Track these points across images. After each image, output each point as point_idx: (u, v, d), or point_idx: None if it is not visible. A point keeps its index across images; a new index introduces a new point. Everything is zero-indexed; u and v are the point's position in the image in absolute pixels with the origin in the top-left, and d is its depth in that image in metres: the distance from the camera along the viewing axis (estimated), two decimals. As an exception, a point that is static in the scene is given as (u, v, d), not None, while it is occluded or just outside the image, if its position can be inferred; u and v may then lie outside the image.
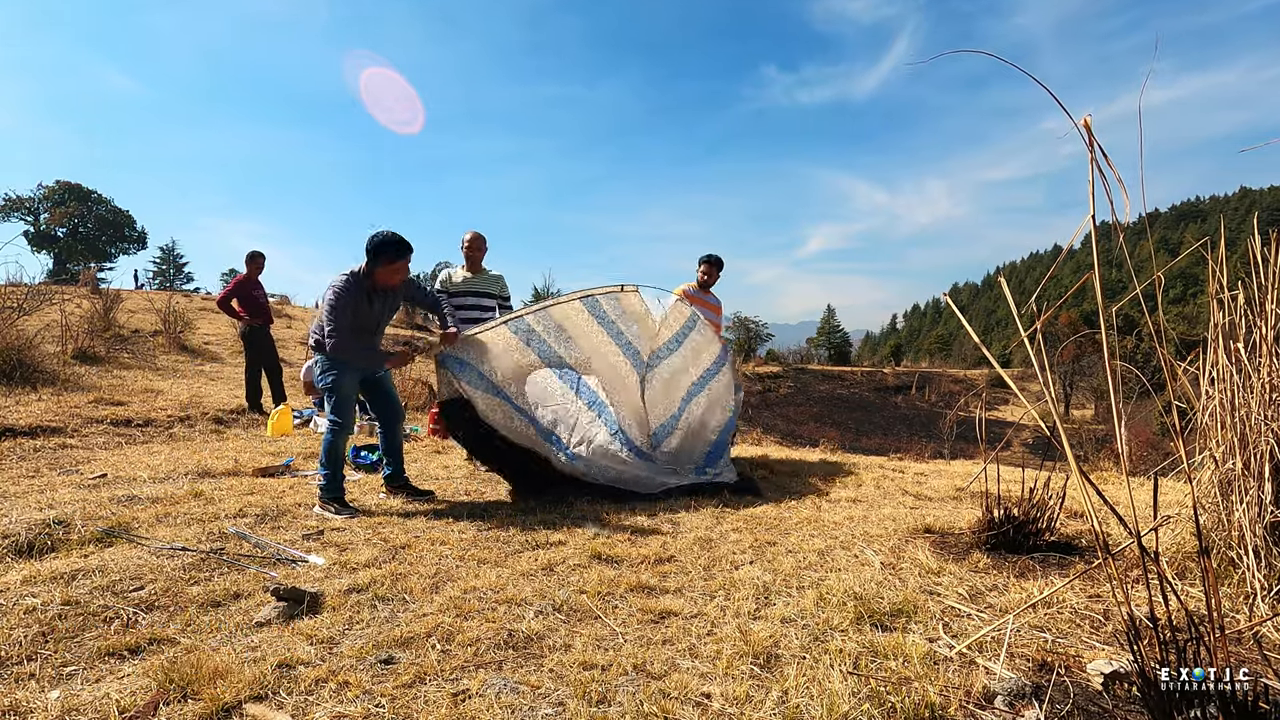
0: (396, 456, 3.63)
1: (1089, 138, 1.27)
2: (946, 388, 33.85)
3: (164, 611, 1.98)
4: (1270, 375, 1.90)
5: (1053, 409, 1.42)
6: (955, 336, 63.25)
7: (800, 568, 2.41)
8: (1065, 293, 1.64)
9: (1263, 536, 1.88)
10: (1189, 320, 15.30)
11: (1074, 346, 31.00)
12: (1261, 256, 1.99)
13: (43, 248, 38.00)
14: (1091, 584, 2.15)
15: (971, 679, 1.52)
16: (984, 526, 2.57)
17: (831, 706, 1.40)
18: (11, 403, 5.63)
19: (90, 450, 4.77)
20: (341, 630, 1.86)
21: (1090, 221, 1.33)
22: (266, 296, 7.41)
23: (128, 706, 1.44)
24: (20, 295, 7.82)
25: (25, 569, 2.22)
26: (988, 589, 2.13)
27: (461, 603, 2.05)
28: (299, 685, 1.54)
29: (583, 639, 1.81)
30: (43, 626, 1.82)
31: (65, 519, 2.70)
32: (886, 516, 3.20)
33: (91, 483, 3.60)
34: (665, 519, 3.19)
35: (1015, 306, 1.40)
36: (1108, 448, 9.39)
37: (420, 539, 2.75)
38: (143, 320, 12.05)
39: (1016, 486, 2.69)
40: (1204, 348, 2.10)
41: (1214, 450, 2.07)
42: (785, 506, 3.54)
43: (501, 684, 1.55)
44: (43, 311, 8.53)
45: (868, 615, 1.89)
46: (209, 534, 2.69)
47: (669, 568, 2.45)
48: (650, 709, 1.44)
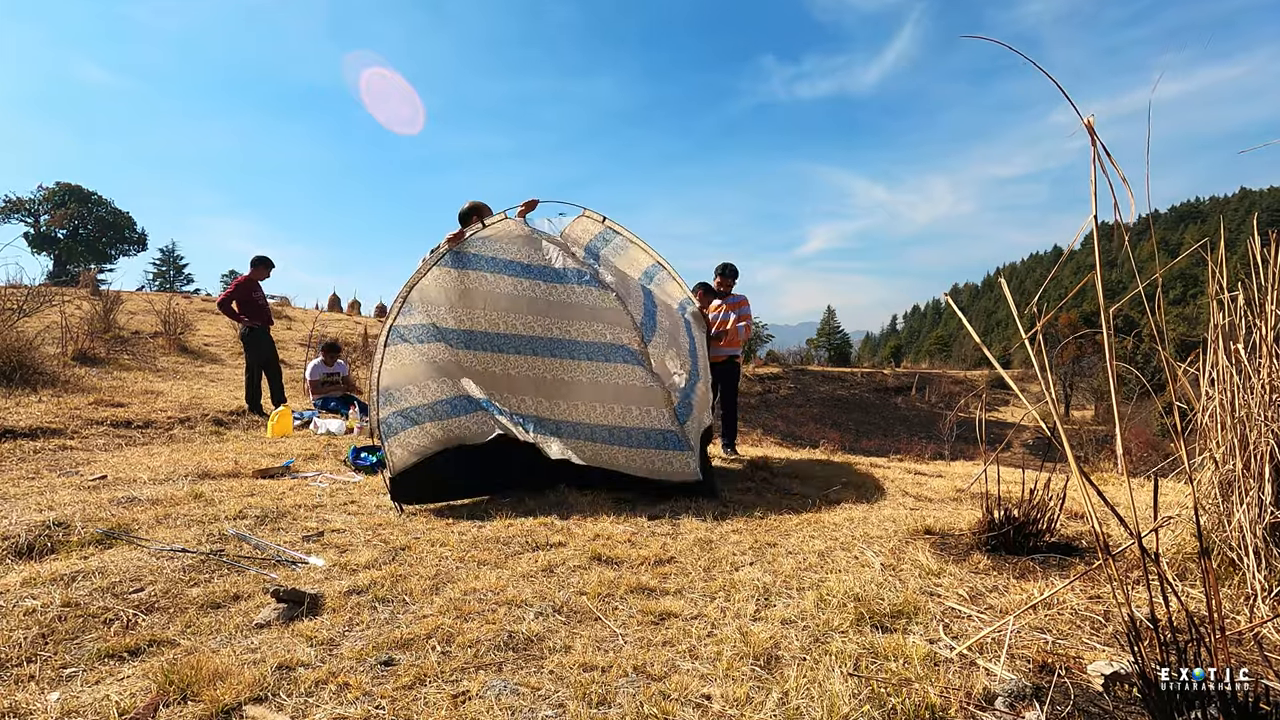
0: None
1: (1092, 137, 1.27)
2: (946, 389, 33.83)
3: (164, 613, 1.98)
4: (1270, 376, 1.90)
5: (1053, 410, 1.42)
6: (955, 337, 63.27)
7: (800, 569, 2.40)
8: (1065, 294, 1.64)
9: (1263, 537, 1.88)
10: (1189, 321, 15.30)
11: (1074, 347, 31.01)
12: (1261, 257, 1.99)
13: (43, 249, 38.01)
14: (1092, 585, 2.15)
15: (972, 680, 1.51)
16: (984, 527, 2.57)
17: (832, 708, 1.40)
18: (11, 404, 5.63)
19: (90, 452, 4.77)
20: (341, 632, 1.86)
21: (1092, 222, 1.33)
22: (266, 299, 7.42)
23: (127, 708, 1.44)
24: (20, 297, 7.83)
25: (25, 570, 2.22)
26: (988, 590, 2.13)
27: (461, 604, 2.05)
28: (299, 687, 1.54)
29: (583, 640, 1.81)
30: (42, 628, 1.82)
31: (65, 521, 2.70)
32: (887, 518, 3.19)
33: (91, 484, 3.60)
34: (665, 520, 3.19)
35: (1015, 307, 1.40)
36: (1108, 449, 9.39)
37: (420, 540, 2.75)
38: (143, 322, 12.05)
39: (1017, 487, 2.69)
40: (1204, 348, 2.10)
41: (1214, 451, 2.07)
42: (785, 507, 3.54)
43: (501, 685, 1.55)
44: (43, 313, 8.54)
45: (868, 616, 1.89)
46: (209, 536, 2.69)
47: (669, 569, 2.45)
48: (650, 710, 1.43)
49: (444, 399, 3.66)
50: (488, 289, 3.69)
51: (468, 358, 3.71)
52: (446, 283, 3.67)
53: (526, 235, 3.80)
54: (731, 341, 5.69)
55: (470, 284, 3.68)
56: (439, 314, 3.68)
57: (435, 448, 3.56)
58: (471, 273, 3.68)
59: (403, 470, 3.44)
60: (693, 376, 4.11)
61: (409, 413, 3.55)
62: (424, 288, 3.66)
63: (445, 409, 3.63)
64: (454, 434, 3.62)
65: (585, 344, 3.71)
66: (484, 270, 3.69)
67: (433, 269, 3.66)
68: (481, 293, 3.68)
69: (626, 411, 3.68)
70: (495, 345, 3.71)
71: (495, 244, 3.73)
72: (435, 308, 3.67)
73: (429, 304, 3.67)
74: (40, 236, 38.40)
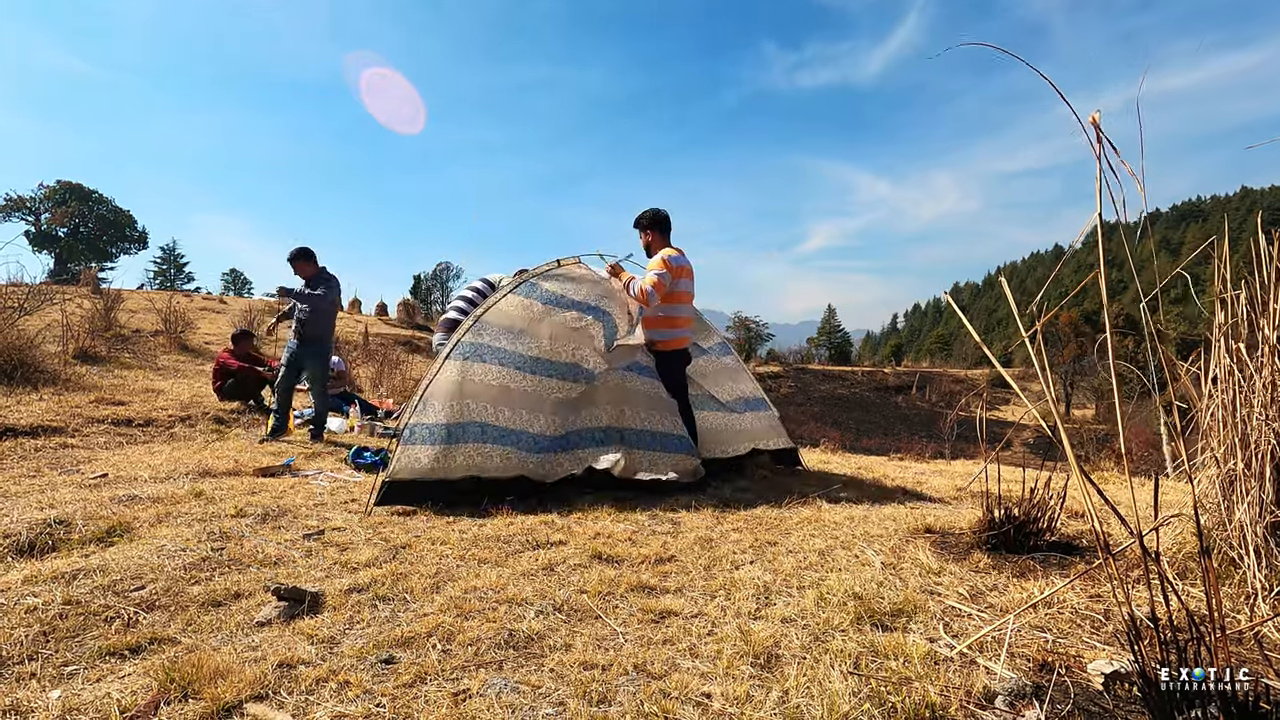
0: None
1: (1098, 134, 1.26)
2: (947, 387, 33.83)
3: (165, 611, 1.98)
4: (1272, 375, 1.90)
5: (1053, 409, 1.41)
6: (956, 336, 63.22)
7: (801, 567, 2.41)
8: (1066, 293, 1.64)
9: (1264, 536, 1.88)
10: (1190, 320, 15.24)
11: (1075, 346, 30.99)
12: (1265, 255, 1.99)
13: (43, 248, 38.04)
14: (1092, 584, 2.15)
15: (972, 679, 1.51)
16: (984, 526, 2.57)
17: (832, 706, 1.40)
18: (13, 402, 5.64)
19: (91, 450, 4.78)
20: (342, 630, 1.86)
21: (1097, 219, 1.32)
22: (252, 352, 7.57)
23: (128, 706, 1.44)
24: (21, 295, 7.84)
25: (26, 568, 2.23)
26: (988, 589, 2.13)
27: (462, 602, 2.05)
28: (300, 685, 1.54)
29: (583, 639, 1.81)
30: (44, 626, 1.83)
31: (66, 518, 2.71)
32: (887, 516, 3.19)
33: (92, 482, 3.61)
34: (666, 519, 3.19)
35: (1016, 306, 1.40)
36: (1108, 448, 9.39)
37: (421, 539, 2.75)
38: (144, 320, 12.06)
39: (1017, 486, 2.69)
40: (1205, 348, 2.10)
41: (1215, 450, 2.07)
42: (786, 506, 3.54)
43: (502, 684, 1.55)
44: (44, 311, 8.55)
45: (868, 615, 1.89)
46: (210, 534, 2.69)
47: (669, 567, 2.45)
48: (650, 709, 1.44)
49: (486, 423, 3.57)
50: (556, 320, 3.96)
51: (535, 382, 3.79)
52: (520, 309, 3.92)
53: (588, 276, 4.25)
54: (647, 322, 4.26)
55: (537, 314, 3.94)
56: (515, 339, 3.81)
57: (452, 474, 3.42)
58: (538, 304, 3.98)
59: (406, 481, 3.34)
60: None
61: (440, 429, 3.45)
62: (501, 310, 3.88)
63: (476, 433, 3.51)
64: (475, 461, 3.47)
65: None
66: (553, 305, 4.00)
67: (509, 295, 3.94)
68: (550, 323, 3.93)
69: (664, 419, 4.09)
70: (561, 373, 3.88)
71: (567, 283, 4.12)
72: (514, 334, 3.83)
73: (504, 328, 3.83)
74: (41, 235, 38.43)
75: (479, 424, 3.53)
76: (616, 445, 3.89)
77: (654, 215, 4.27)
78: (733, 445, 4.58)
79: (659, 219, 4.27)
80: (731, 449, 4.56)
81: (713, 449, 4.41)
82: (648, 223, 4.28)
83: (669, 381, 4.22)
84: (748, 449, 4.64)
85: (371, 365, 11.46)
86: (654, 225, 4.27)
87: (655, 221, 4.26)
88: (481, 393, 3.59)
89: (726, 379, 4.84)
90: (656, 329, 4.22)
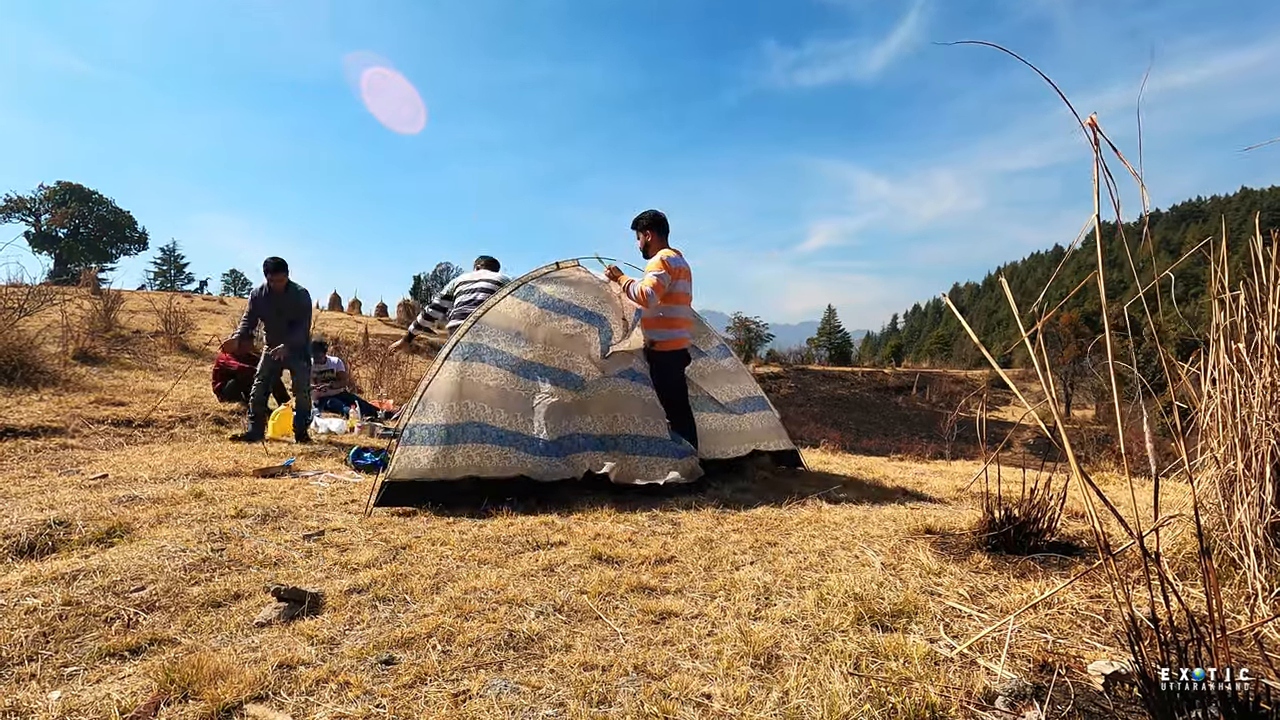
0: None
1: (1095, 136, 1.26)
2: (947, 388, 33.83)
3: (165, 612, 1.98)
4: (1272, 375, 1.90)
5: (1053, 409, 1.42)
6: (956, 337, 63.24)
7: (801, 568, 2.41)
8: (1066, 293, 1.64)
9: (1264, 537, 1.88)
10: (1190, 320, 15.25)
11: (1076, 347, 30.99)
12: (1263, 256, 1.99)
13: (43, 248, 38.06)
14: (1092, 584, 2.15)
15: (972, 679, 1.51)
16: (985, 527, 2.57)
17: (832, 707, 1.40)
18: (13, 403, 5.64)
19: (91, 450, 4.78)
20: (342, 631, 1.86)
21: (1095, 220, 1.32)
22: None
23: (128, 707, 1.44)
24: (21, 296, 7.83)
25: (26, 569, 2.23)
26: (988, 589, 2.13)
27: (462, 603, 2.05)
28: (300, 686, 1.54)
29: (583, 639, 1.81)
30: (44, 627, 1.83)
31: (66, 519, 2.71)
32: (887, 517, 3.19)
33: (92, 483, 3.61)
34: (666, 519, 3.19)
35: (1016, 307, 1.40)
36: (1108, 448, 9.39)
37: (421, 539, 2.75)
38: (144, 321, 12.06)
39: (1017, 487, 2.69)
40: (1205, 348, 2.10)
41: (1215, 450, 2.07)
42: (786, 507, 3.54)
43: (502, 684, 1.55)
44: (44, 312, 8.54)
45: (868, 616, 1.89)
46: (210, 534, 2.69)
47: (669, 568, 2.45)
48: (651, 709, 1.44)
49: (485, 424, 3.55)
50: (553, 325, 3.97)
51: (530, 386, 3.79)
52: (518, 312, 3.94)
53: (590, 281, 4.28)
54: (646, 323, 4.23)
55: (534, 318, 3.95)
56: (511, 341, 3.82)
57: (452, 475, 3.41)
58: (535, 308, 3.98)
59: (406, 481, 3.34)
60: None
61: (440, 429, 3.43)
62: (500, 312, 3.90)
63: (475, 433, 3.49)
64: (474, 461, 3.46)
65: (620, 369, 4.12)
66: (550, 309, 4.00)
67: (507, 297, 3.96)
68: (546, 328, 3.94)
69: (658, 423, 4.08)
70: (554, 378, 3.87)
71: (565, 287, 4.14)
72: (511, 336, 3.84)
73: (503, 330, 3.84)
74: (41, 235, 38.45)
75: (478, 424, 3.53)
76: (611, 451, 3.89)
77: (652, 216, 4.30)
78: (733, 446, 4.57)
79: (657, 220, 4.29)
80: (732, 450, 4.55)
81: (713, 450, 4.40)
82: (646, 223, 4.29)
83: (669, 382, 4.20)
84: (748, 450, 4.64)
85: (371, 366, 11.47)
86: (652, 226, 4.28)
87: (653, 222, 4.28)
88: (480, 393, 3.60)
89: (726, 381, 4.84)
90: (656, 329, 4.21)
